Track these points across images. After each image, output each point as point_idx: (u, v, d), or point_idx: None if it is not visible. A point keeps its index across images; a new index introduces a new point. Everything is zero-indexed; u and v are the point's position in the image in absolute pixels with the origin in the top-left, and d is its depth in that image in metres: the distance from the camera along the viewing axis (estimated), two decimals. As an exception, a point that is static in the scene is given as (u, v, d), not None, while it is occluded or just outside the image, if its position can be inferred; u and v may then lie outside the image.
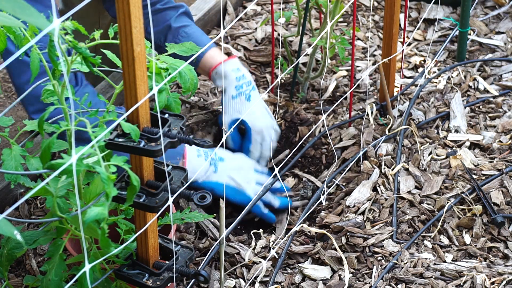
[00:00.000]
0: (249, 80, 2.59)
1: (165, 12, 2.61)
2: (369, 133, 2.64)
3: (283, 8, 3.25)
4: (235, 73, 2.57)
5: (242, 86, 2.58)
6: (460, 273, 2.17)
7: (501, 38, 3.08)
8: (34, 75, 1.66)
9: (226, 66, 2.58)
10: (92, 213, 1.49)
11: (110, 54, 1.76)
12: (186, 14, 2.64)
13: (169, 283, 1.79)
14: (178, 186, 1.68)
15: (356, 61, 3.00)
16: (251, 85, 2.59)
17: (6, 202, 2.41)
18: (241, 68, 2.60)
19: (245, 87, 2.58)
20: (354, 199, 2.42)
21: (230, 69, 2.58)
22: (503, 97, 2.78)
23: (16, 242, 1.87)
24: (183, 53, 1.82)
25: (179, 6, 2.64)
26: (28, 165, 1.75)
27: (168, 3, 2.64)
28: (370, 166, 2.52)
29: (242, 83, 2.58)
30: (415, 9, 3.26)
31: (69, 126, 1.63)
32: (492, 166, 2.48)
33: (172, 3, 2.64)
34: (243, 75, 2.58)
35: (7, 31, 1.63)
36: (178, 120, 1.66)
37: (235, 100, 2.57)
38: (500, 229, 2.31)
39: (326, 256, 2.25)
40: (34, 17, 1.18)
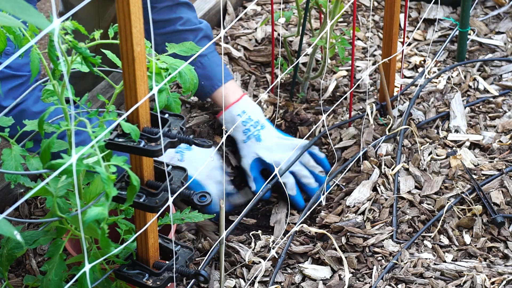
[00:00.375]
0: (256, 121, 2.57)
1: (184, 35, 2.53)
2: (369, 133, 2.64)
3: (283, 8, 3.25)
4: (240, 118, 2.55)
5: (249, 129, 2.56)
6: (460, 273, 2.17)
7: (501, 38, 3.08)
8: (34, 75, 1.66)
9: (232, 111, 2.56)
10: (92, 213, 1.49)
11: (110, 54, 1.76)
12: (206, 38, 2.58)
13: (169, 283, 1.79)
14: (178, 186, 1.68)
15: (356, 61, 3.00)
16: (259, 124, 2.57)
17: (6, 202, 2.41)
18: (248, 109, 2.57)
19: (252, 129, 2.56)
20: (354, 199, 2.42)
21: (235, 114, 2.56)
22: (503, 97, 2.78)
23: (16, 242, 1.87)
24: (183, 53, 1.82)
25: (199, 29, 2.56)
26: (28, 165, 1.75)
27: (188, 23, 2.56)
28: (370, 166, 2.52)
29: (249, 126, 2.56)
30: (415, 9, 3.26)
31: (69, 126, 1.63)
32: (492, 166, 2.48)
33: (192, 24, 2.56)
34: (249, 117, 2.56)
35: (7, 31, 1.63)
36: (178, 120, 1.66)
37: (246, 144, 2.56)
38: (500, 229, 2.31)
39: (326, 256, 2.25)
40: (34, 17, 1.18)
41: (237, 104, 2.57)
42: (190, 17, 2.57)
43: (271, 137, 2.57)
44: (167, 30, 2.52)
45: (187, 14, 2.57)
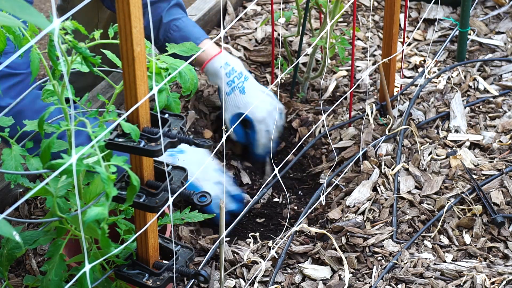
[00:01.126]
0: (239, 72, 2.59)
1: (157, 4, 2.58)
2: (369, 133, 2.64)
3: (283, 8, 3.25)
4: (224, 69, 2.58)
5: (233, 80, 2.58)
6: (460, 273, 2.17)
7: (501, 38, 3.07)
8: (34, 75, 1.66)
9: (214, 64, 2.58)
10: (92, 213, 1.49)
11: (110, 54, 1.76)
12: (178, 6, 2.62)
13: (169, 283, 1.79)
14: (178, 186, 1.68)
15: (356, 61, 3.00)
16: (242, 76, 2.59)
17: (6, 202, 2.41)
18: (230, 61, 2.60)
19: (236, 81, 2.58)
20: (354, 199, 2.42)
21: (218, 66, 2.58)
22: (503, 97, 2.78)
23: (16, 242, 1.87)
24: (183, 53, 1.82)
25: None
26: (28, 165, 1.75)
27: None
28: (370, 166, 2.52)
29: (233, 77, 2.58)
30: (415, 9, 3.26)
31: (69, 126, 1.63)
32: (492, 166, 2.48)
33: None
34: (233, 68, 2.58)
35: (7, 31, 1.63)
36: (178, 120, 1.66)
37: (230, 96, 2.58)
38: (500, 229, 2.31)
39: (326, 256, 2.25)
40: (34, 16, 1.18)
41: (219, 56, 2.59)
42: None
43: (255, 90, 2.60)
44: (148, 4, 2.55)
45: None
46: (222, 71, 2.57)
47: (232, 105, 2.58)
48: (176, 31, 2.58)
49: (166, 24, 2.58)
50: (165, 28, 2.58)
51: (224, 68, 2.58)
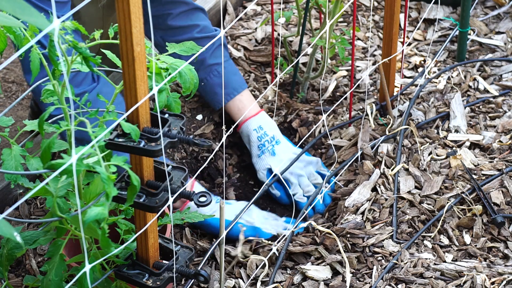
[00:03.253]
0: (271, 136, 2.60)
1: (202, 43, 2.53)
2: (369, 133, 2.64)
3: (283, 8, 3.25)
4: (256, 133, 2.59)
5: (264, 144, 2.60)
6: (460, 273, 2.17)
7: (501, 38, 3.08)
8: (34, 75, 1.66)
9: (248, 125, 2.60)
10: (92, 213, 1.49)
11: (110, 54, 1.76)
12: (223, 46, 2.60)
13: (169, 283, 1.79)
14: (178, 186, 1.68)
15: (356, 61, 3.00)
16: (274, 140, 2.60)
17: (6, 202, 2.41)
18: (264, 124, 2.60)
19: (267, 144, 2.60)
20: (354, 199, 2.42)
21: (251, 129, 2.60)
22: (503, 97, 2.78)
23: (16, 242, 1.87)
24: (184, 53, 1.82)
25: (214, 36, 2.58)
26: (28, 165, 1.75)
27: (205, 30, 2.58)
28: (370, 166, 2.52)
29: (264, 141, 2.59)
30: (415, 9, 3.26)
31: (69, 126, 1.63)
32: (492, 166, 2.48)
33: (209, 31, 2.59)
34: (265, 132, 2.59)
35: (7, 31, 1.63)
36: (178, 120, 1.66)
37: (260, 158, 2.59)
38: (500, 229, 2.31)
39: (326, 256, 2.25)
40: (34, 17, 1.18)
41: (254, 119, 2.60)
42: (206, 24, 2.59)
43: (285, 152, 2.59)
44: (185, 38, 2.50)
45: (203, 21, 2.59)
46: (254, 135, 2.59)
47: (262, 164, 2.59)
48: (217, 76, 2.57)
49: (208, 67, 2.56)
50: (206, 70, 2.56)
51: (256, 131, 2.59)
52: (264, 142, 2.59)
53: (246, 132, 2.61)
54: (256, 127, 2.60)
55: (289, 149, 2.60)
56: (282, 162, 2.56)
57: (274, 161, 2.58)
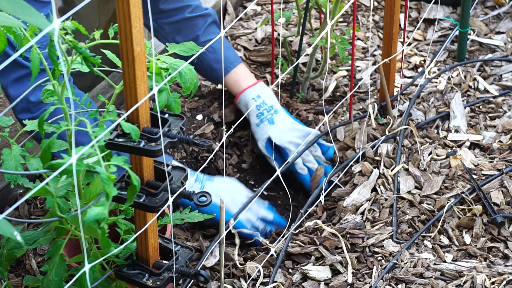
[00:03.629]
0: (270, 105, 2.62)
1: (194, 21, 2.58)
2: (369, 133, 2.64)
3: (283, 8, 3.25)
4: (255, 102, 2.61)
5: (263, 113, 2.61)
6: (460, 273, 2.17)
7: (501, 38, 3.07)
8: (34, 75, 1.66)
9: (246, 96, 2.61)
10: (92, 213, 1.49)
11: (110, 54, 1.76)
12: (215, 24, 2.63)
13: (169, 283, 1.79)
14: (178, 186, 1.68)
15: (356, 61, 3.00)
16: (272, 109, 2.61)
17: (6, 202, 2.41)
18: (262, 94, 2.62)
19: (266, 113, 2.61)
20: (353, 199, 2.42)
21: (250, 98, 2.62)
22: (503, 97, 2.78)
23: (16, 242, 1.87)
24: (184, 53, 1.82)
25: (208, 14, 2.61)
26: (28, 165, 1.75)
27: (196, 9, 2.61)
28: (370, 166, 2.52)
29: (263, 109, 2.61)
30: (415, 9, 3.26)
31: (69, 126, 1.63)
32: (492, 166, 2.48)
33: (201, 10, 2.61)
34: (263, 101, 2.61)
35: (7, 31, 1.63)
36: (178, 120, 1.66)
37: (259, 126, 2.60)
38: (500, 229, 2.31)
39: (327, 256, 2.25)
40: (34, 17, 1.18)
41: (252, 89, 2.62)
42: (197, 3, 2.63)
43: (284, 121, 2.61)
44: (177, 19, 2.57)
45: (195, 1, 2.61)
46: (253, 103, 2.60)
47: (262, 133, 2.60)
48: (212, 52, 2.60)
49: (202, 44, 2.57)
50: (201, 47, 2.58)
51: (255, 100, 2.61)
52: (262, 111, 2.60)
53: (245, 101, 2.62)
54: (254, 96, 2.62)
55: (287, 118, 2.63)
56: (281, 131, 2.58)
57: (273, 130, 2.59)
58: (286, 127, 2.61)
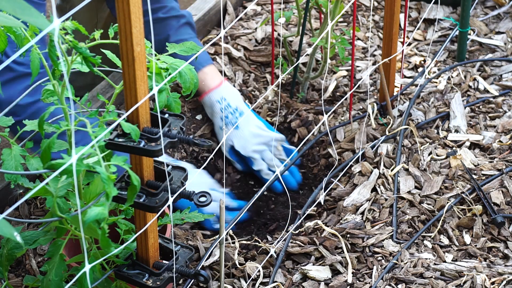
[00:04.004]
0: (234, 108, 2.60)
1: (167, 21, 2.58)
2: (369, 133, 2.64)
3: (283, 8, 3.25)
4: (219, 104, 2.60)
5: (227, 116, 2.60)
6: (460, 273, 2.17)
7: (501, 38, 3.07)
8: (34, 75, 1.66)
9: (211, 97, 2.61)
10: (92, 213, 1.49)
11: (110, 54, 1.76)
12: (188, 25, 2.62)
13: (169, 283, 1.79)
14: (178, 186, 1.68)
15: (356, 61, 3.00)
16: (237, 112, 2.60)
17: (6, 202, 2.41)
18: (226, 95, 2.61)
19: (230, 117, 2.60)
20: (354, 199, 2.42)
21: (214, 100, 2.61)
22: (503, 97, 2.78)
23: (16, 242, 1.87)
24: (184, 53, 1.82)
25: (181, 16, 2.61)
26: (28, 165, 1.75)
27: (170, 11, 2.61)
28: (370, 166, 2.52)
29: (227, 113, 2.60)
30: (415, 9, 3.26)
31: (69, 126, 1.63)
32: (492, 166, 2.48)
33: (175, 12, 2.61)
34: (228, 104, 2.60)
35: (7, 31, 1.63)
36: (178, 120, 1.66)
37: (223, 130, 2.61)
38: (500, 229, 2.31)
39: (327, 256, 2.25)
40: (34, 17, 1.18)
41: (217, 90, 2.61)
42: (174, 5, 2.62)
43: (248, 125, 2.61)
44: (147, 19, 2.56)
45: (171, 3, 2.61)
46: (217, 106, 2.59)
47: (228, 139, 2.61)
48: None
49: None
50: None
51: (219, 103, 2.59)
52: (227, 114, 2.60)
53: (209, 103, 2.62)
54: (219, 98, 2.61)
55: (252, 121, 2.62)
56: (245, 140, 2.58)
57: (237, 138, 2.59)
58: (250, 134, 2.60)
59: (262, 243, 2.33)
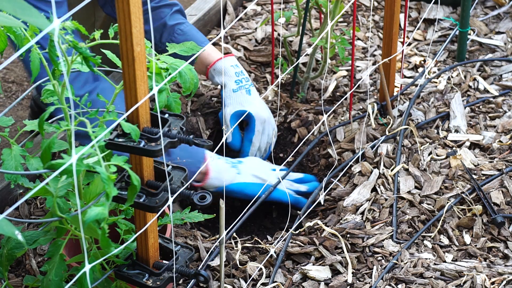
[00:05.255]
0: (247, 76, 2.65)
1: (160, 10, 2.62)
2: (369, 133, 2.64)
3: (283, 8, 3.25)
4: (234, 69, 2.63)
5: (241, 80, 2.62)
6: (460, 273, 2.17)
7: (501, 38, 3.08)
8: (34, 75, 1.66)
9: (225, 62, 2.62)
10: (92, 213, 1.49)
11: (110, 54, 1.76)
12: (180, 12, 2.66)
13: (169, 283, 1.79)
14: (178, 186, 1.68)
15: (356, 61, 3.00)
16: (249, 81, 2.64)
17: (6, 202, 2.41)
18: (239, 65, 2.65)
19: (244, 82, 2.63)
20: (354, 199, 2.42)
21: (229, 65, 2.62)
22: (503, 97, 2.78)
23: (16, 242, 1.87)
24: (184, 53, 1.82)
25: (173, 4, 2.66)
26: (28, 165, 1.75)
27: (161, 0, 2.65)
28: (370, 166, 2.52)
29: (241, 78, 2.63)
30: (415, 9, 3.26)
31: (69, 126, 1.63)
32: (492, 166, 2.48)
33: (165, 1, 2.65)
34: (241, 71, 2.64)
35: (7, 31, 1.63)
36: (178, 120, 1.66)
37: (236, 93, 2.60)
38: (500, 229, 2.31)
39: (327, 256, 2.25)
40: (34, 17, 1.18)
41: (230, 57, 2.65)
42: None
43: (258, 96, 2.65)
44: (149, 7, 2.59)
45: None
46: (232, 70, 2.60)
47: (237, 101, 2.61)
48: (181, 34, 2.61)
49: (171, 28, 2.60)
50: (169, 31, 2.60)
51: (233, 67, 2.62)
52: (241, 78, 2.62)
53: (221, 67, 2.62)
54: (233, 64, 2.64)
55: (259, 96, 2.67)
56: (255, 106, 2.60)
57: (248, 101, 2.60)
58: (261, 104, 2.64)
59: (262, 243, 2.33)
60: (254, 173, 2.49)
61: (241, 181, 2.46)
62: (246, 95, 2.61)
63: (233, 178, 2.45)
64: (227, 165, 2.46)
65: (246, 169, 2.48)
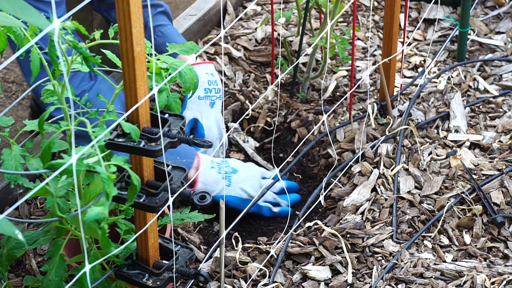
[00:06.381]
0: (219, 88, 2.59)
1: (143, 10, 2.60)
2: (369, 133, 2.64)
3: (283, 8, 3.25)
4: (208, 77, 2.58)
5: (211, 90, 2.58)
6: (460, 273, 2.17)
7: (501, 38, 3.08)
8: (34, 75, 1.66)
9: (201, 68, 2.59)
10: (92, 213, 1.49)
11: (110, 54, 1.76)
12: (164, 14, 2.63)
13: (169, 283, 1.79)
14: (178, 186, 1.68)
15: (356, 61, 3.00)
16: (219, 93, 2.59)
17: (6, 202, 2.41)
18: (216, 75, 2.60)
19: (213, 93, 2.58)
20: (354, 199, 2.42)
21: (203, 71, 2.59)
22: (503, 97, 2.78)
23: (16, 242, 1.87)
24: (184, 53, 1.82)
25: (158, 5, 2.63)
26: (28, 165, 1.75)
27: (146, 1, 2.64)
28: (370, 166, 2.52)
29: (212, 88, 2.58)
30: (415, 9, 3.26)
31: (69, 126, 1.63)
32: (492, 166, 2.48)
33: (151, 1, 2.63)
34: (215, 81, 2.59)
35: (8, 31, 1.63)
36: (178, 120, 1.66)
37: (200, 101, 2.58)
38: (500, 229, 2.31)
39: (327, 256, 2.25)
40: (34, 17, 1.18)
41: (208, 65, 2.61)
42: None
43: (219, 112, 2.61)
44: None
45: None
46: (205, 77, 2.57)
47: (197, 109, 2.58)
48: (161, 36, 2.58)
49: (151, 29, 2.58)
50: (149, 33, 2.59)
51: (208, 75, 2.58)
52: (211, 88, 2.58)
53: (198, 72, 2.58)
54: (209, 71, 2.59)
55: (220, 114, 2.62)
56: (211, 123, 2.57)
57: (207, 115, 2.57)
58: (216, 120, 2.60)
59: (262, 243, 2.33)
60: (243, 187, 2.46)
61: (228, 194, 2.44)
62: (208, 107, 2.58)
63: (220, 190, 2.42)
64: (219, 176, 2.43)
65: (237, 181, 2.46)
